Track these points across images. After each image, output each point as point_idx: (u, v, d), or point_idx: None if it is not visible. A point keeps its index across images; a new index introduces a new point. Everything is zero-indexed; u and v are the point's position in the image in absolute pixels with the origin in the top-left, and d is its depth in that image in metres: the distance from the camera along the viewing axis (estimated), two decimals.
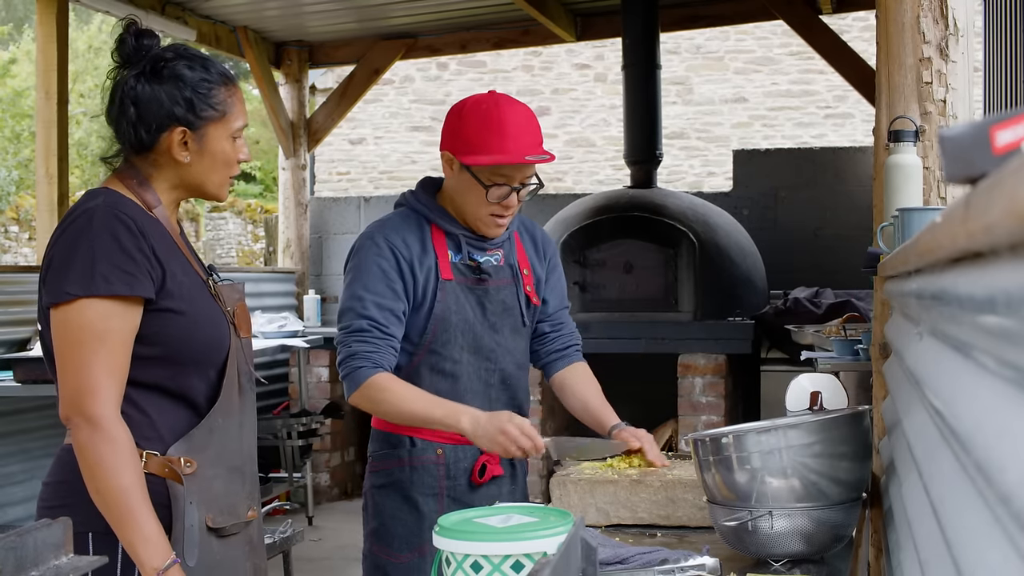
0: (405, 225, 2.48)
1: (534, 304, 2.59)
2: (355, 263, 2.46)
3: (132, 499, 1.85)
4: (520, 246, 2.59)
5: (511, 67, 13.10)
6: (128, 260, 1.89)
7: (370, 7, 7.08)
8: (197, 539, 1.96)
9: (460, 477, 2.48)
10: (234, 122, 2.04)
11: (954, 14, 2.62)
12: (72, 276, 1.87)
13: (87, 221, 1.90)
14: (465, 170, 2.39)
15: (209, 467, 1.99)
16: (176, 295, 1.95)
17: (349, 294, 2.44)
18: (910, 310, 1.75)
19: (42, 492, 1.99)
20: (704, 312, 6.15)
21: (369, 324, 2.39)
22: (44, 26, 5.66)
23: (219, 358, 2.03)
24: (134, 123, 1.98)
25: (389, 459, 2.50)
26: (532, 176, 2.43)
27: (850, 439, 2.00)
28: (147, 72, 1.99)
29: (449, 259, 2.47)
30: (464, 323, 2.47)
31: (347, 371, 2.40)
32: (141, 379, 1.94)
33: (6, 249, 12.41)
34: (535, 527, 1.56)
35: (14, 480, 5.07)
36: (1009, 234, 0.66)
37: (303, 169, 7.89)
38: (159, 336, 1.94)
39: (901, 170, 2.48)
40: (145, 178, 2.01)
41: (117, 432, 1.86)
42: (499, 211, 2.42)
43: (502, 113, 2.37)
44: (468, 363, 2.48)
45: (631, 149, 6.68)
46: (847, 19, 11.06)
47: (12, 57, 17.88)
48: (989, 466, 0.77)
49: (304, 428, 6.29)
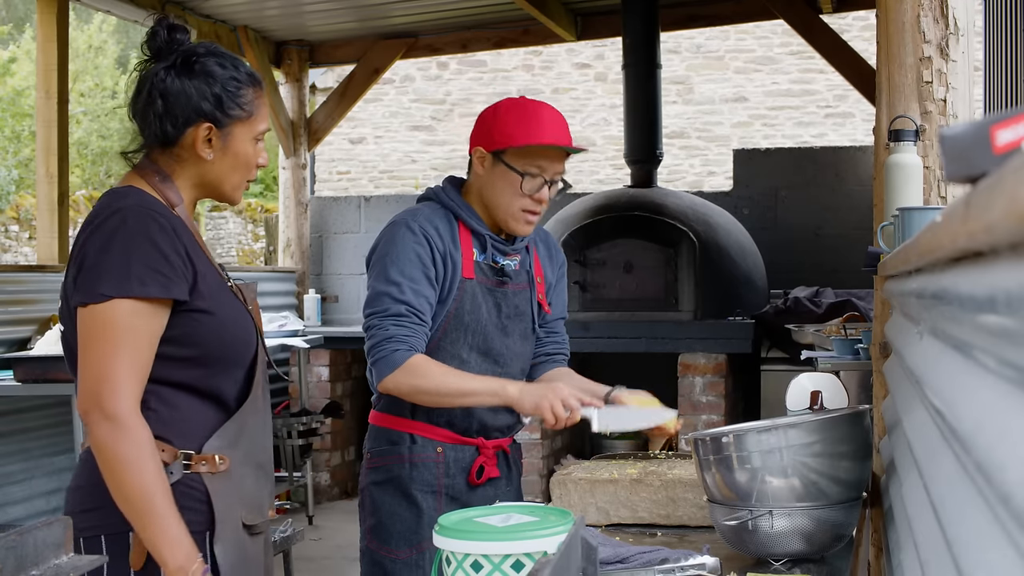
0: (439, 216, 2.48)
1: (545, 312, 2.62)
2: (388, 248, 2.43)
3: (155, 497, 1.81)
4: (535, 254, 2.62)
5: (511, 66, 13.10)
6: (163, 262, 1.86)
7: (370, 7, 7.08)
8: (235, 537, 1.95)
9: (458, 476, 2.49)
10: (259, 124, 2.03)
11: (954, 13, 2.62)
12: (107, 277, 1.84)
13: (120, 221, 1.87)
14: (500, 162, 2.42)
15: (240, 465, 1.98)
16: (207, 295, 1.93)
17: (384, 279, 2.40)
18: (910, 309, 1.75)
19: (72, 496, 1.94)
20: (704, 312, 6.15)
21: (408, 309, 2.37)
22: (44, 26, 5.66)
23: (247, 357, 2.02)
24: (161, 115, 1.95)
25: (388, 455, 2.50)
26: (561, 173, 2.46)
27: (850, 439, 2.00)
28: (178, 66, 1.97)
29: (473, 258, 2.48)
30: (476, 324, 2.47)
31: (382, 354, 2.35)
32: (174, 379, 1.91)
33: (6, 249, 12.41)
34: (535, 526, 1.56)
35: (14, 480, 5.07)
36: (1009, 233, 0.66)
37: (303, 168, 7.89)
38: (191, 337, 1.92)
39: (901, 169, 2.48)
40: (168, 175, 1.98)
41: (137, 428, 1.82)
42: (531, 206, 2.43)
43: (537, 106, 2.45)
44: (475, 364, 2.48)
45: (631, 148, 6.68)
46: (847, 18, 11.07)
47: (12, 57, 17.87)
48: (989, 466, 0.77)
49: (304, 427, 6.29)
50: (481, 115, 2.50)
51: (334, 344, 6.90)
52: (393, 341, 2.35)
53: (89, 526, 1.88)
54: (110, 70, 18.64)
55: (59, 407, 5.07)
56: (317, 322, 7.50)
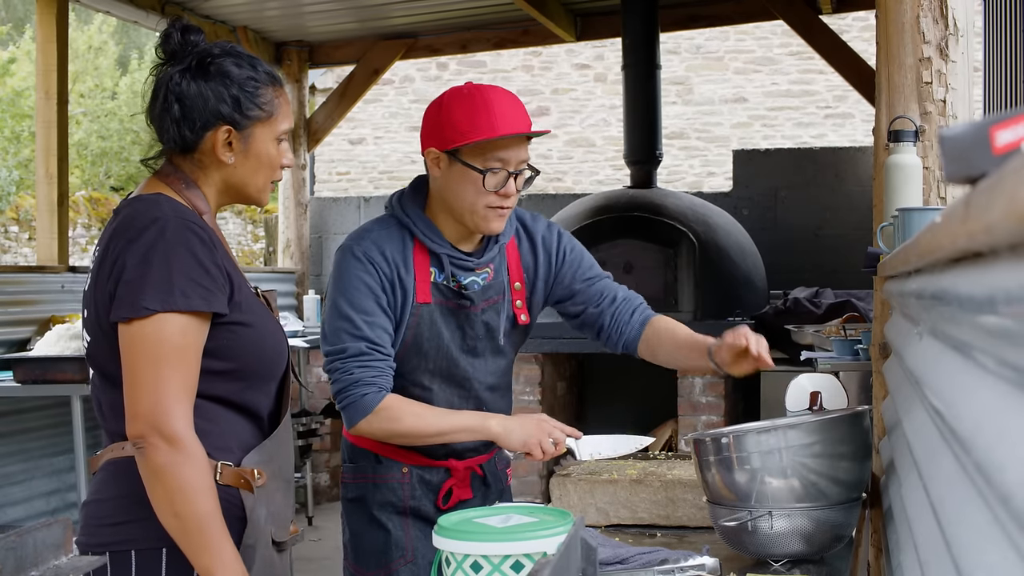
0: (387, 238, 2.31)
1: (520, 324, 2.41)
2: (336, 277, 2.30)
3: (215, 523, 1.77)
4: (515, 256, 2.42)
5: (511, 67, 13.10)
6: (204, 274, 1.81)
7: (370, 7, 7.08)
8: (266, 553, 1.91)
9: (424, 499, 2.37)
10: (281, 124, 1.96)
11: (954, 14, 2.62)
12: (150, 291, 1.77)
13: (159, 232, 1.80)
14: (456, 161, 2.23)
15: (272, 479, 1.94)
16: (244, 308, 1.89)
17: (336, 313, 2.27)
18: (910, 310, 1.75)
19: (95, 509, 1.87)
20: (704, 312, 6.15)
21: (368, 346, 2.24)
22: (44, 26, 5.66)
23: (280, 370, 1.98)
24: (178, 121, 1.89)
25: (356, 473, 2.41)
26: (526, 162, 2.27)
27: (850, 439, 2.00)
28: (193, 68, 1.90)
29: (430, 279, 2.32)
30: (436, 350, 2.32)
31: (351, 399, 2.24)
32: (210, 392, 1.86)
33: (6, 249, 12.40)
34: (535, 527, 1.56)
35: (14, 480, 5.07)
36: (1009, 234, 0.66)
37: (303, 169, 7.89)
38: (230, 350, 1.87)
39: (901, 170, 2.48)
40: (192, 181, 1.93)
41: (198, 451, 1.78)
42: (497, 201, 2.24)
43: (485, 94, 2.23)
44: (439, 389, 2.34)
45: (631, 149, 6.68)
46: (847, 19, 11.06)
47: (12, 57, 17.86)
48: (989, 466, 0.77)
49: (304, 428, 6.29)
50: (427, 112, 2.30)
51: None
52: (360, 385, 2.22)
53: (118, 540, 1.83)
54: (110, 71, 18.62)
55: (59, 408, 5.07)
56: (317, 322, 7.50)
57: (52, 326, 5.00)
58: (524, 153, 2.26)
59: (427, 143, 2.28)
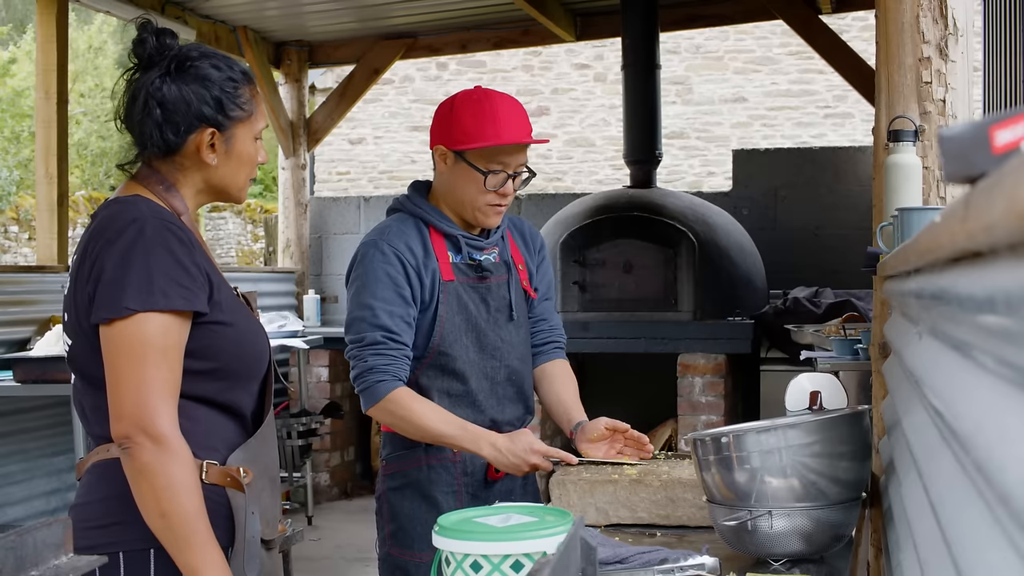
0: (405, 230, 2.50)
1: (531, 297, 2.65)
2: (360, 271, 2.46)
3: (200, 522, 1.77)
4: (512, 242, 2.64)
5: (511, 67, 13.10)
6: (184, 274, 1.82)
7: (370, 7, 7.08)
8: (257, 551, 1.91)
9: (477, 473, 2.52)
10: (259, 122, 1.99)
11: (954, 14, 2.62)
12: (130, 291, 1.78)
13: (138, 233, 1.81)
14: (461, 160, 2.44)
15: (258, 478, 1.94)
16: (225, 307, 1.90)
17: (358, 303, 2.45)
18: (910, 310, 1.75)
19: (82, 512, 1.86)
20: (704, 312, 6.15)
21: (383, 335, 2.40)
22: (44, 26, 5.66)
23: (262, 369, 1.99)
24: (160, 125, 1.89)
25: (405, 460, 2.52)
26: (524, 163, 2.49)
27: (850, 439, 2.00)
28: (171, 72, 1.90)
29: (449, 260, 2.51)
30: (467, 322, 2.50)
31: (364, 385, 2.41)
32: (192, 393, 1.87)
33: (6, 249, 12.41)
34: (535, 527, 1.56)
35: (14, 480, 5.07)
36: (1009, 234, 0.66)
37: (303, 169, 7.89)
38: (211, 350, 1.88)
39: (901, 170, 2.48)
40: (171, 183, 1.93)
41: (184, 450, 1.78)
42: (496, 200, 2.46)
43: (493, 102, 2.44)
44: (475, 361, 2.51)
45: (631, 149, 6.68)
46: (846, 19, 11.07)
47: (12, 57, 17.88)
48: (989, 466, 0.77)
49: (304, 428, 6.29)
50: (438, 110, 2.50)
51: (334, 345, 6.89)
52: (374, 372, 2.39)
53: (106, 542, 1.83)
54: (110, 71, 18.64)
55: (58, 407, 5.07)
56: (317, 323, 7.50)
57: (52, 326, 5.00)
58: (523, 157, 2.49)
59: (436, 140, 2.49)
